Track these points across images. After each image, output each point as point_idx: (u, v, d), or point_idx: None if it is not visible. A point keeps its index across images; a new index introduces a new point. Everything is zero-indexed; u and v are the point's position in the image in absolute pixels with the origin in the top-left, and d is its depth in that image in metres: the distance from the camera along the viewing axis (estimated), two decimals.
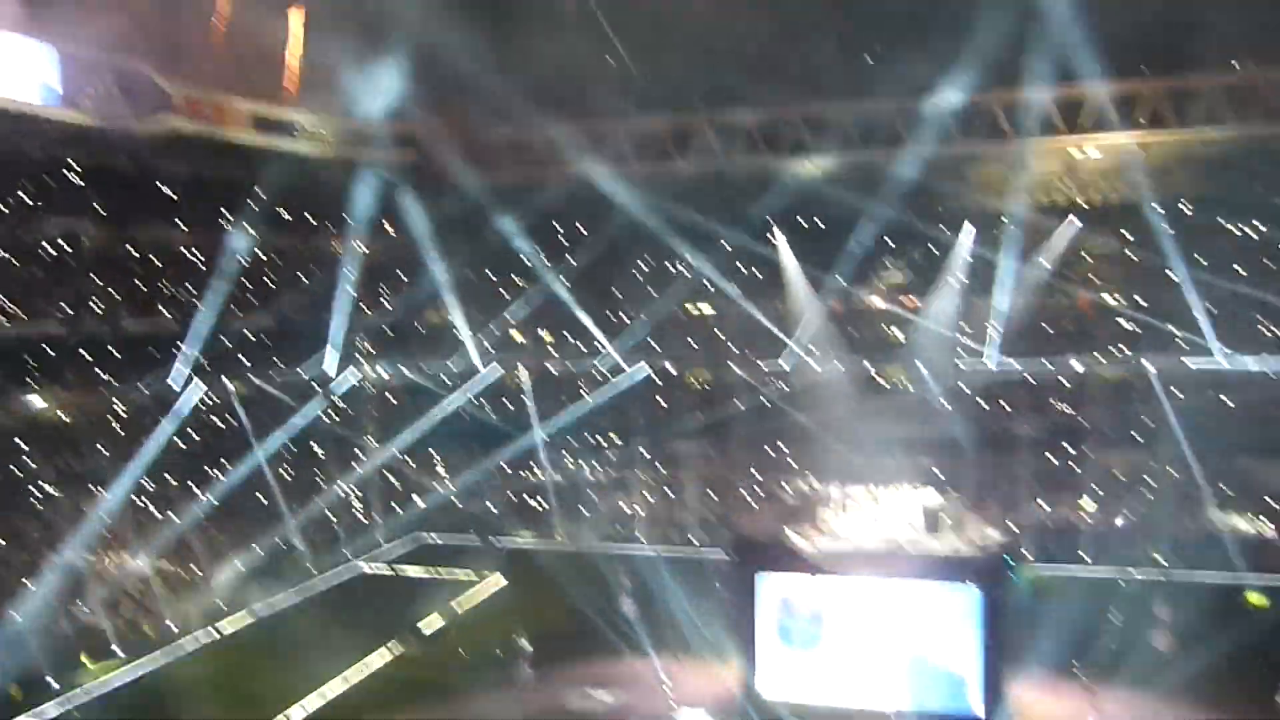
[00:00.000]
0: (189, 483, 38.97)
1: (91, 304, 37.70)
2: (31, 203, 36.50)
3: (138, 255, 40.60)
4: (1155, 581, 35.02)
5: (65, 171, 37.99)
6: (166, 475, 38.54)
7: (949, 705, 24.99)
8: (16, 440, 35.15)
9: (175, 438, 38.41)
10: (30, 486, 34.63)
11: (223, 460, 40.40)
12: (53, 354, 36.44)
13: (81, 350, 37.44)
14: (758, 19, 44.53)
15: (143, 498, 37.37)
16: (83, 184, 38.14)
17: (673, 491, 44.79)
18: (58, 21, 35.08)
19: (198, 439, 40.67)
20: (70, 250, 37.77)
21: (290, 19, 46.18)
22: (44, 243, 37.18)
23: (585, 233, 48.99)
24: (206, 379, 39.70)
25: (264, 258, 44.99)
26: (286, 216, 45.07)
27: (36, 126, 35.85)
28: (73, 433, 36.74)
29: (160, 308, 40.02)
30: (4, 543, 32.38)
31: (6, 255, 35.32)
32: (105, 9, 37.48)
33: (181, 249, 42.10)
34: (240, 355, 41.76)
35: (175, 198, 41.63)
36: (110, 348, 38.19)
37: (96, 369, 37.54)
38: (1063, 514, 40.60)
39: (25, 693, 27.84)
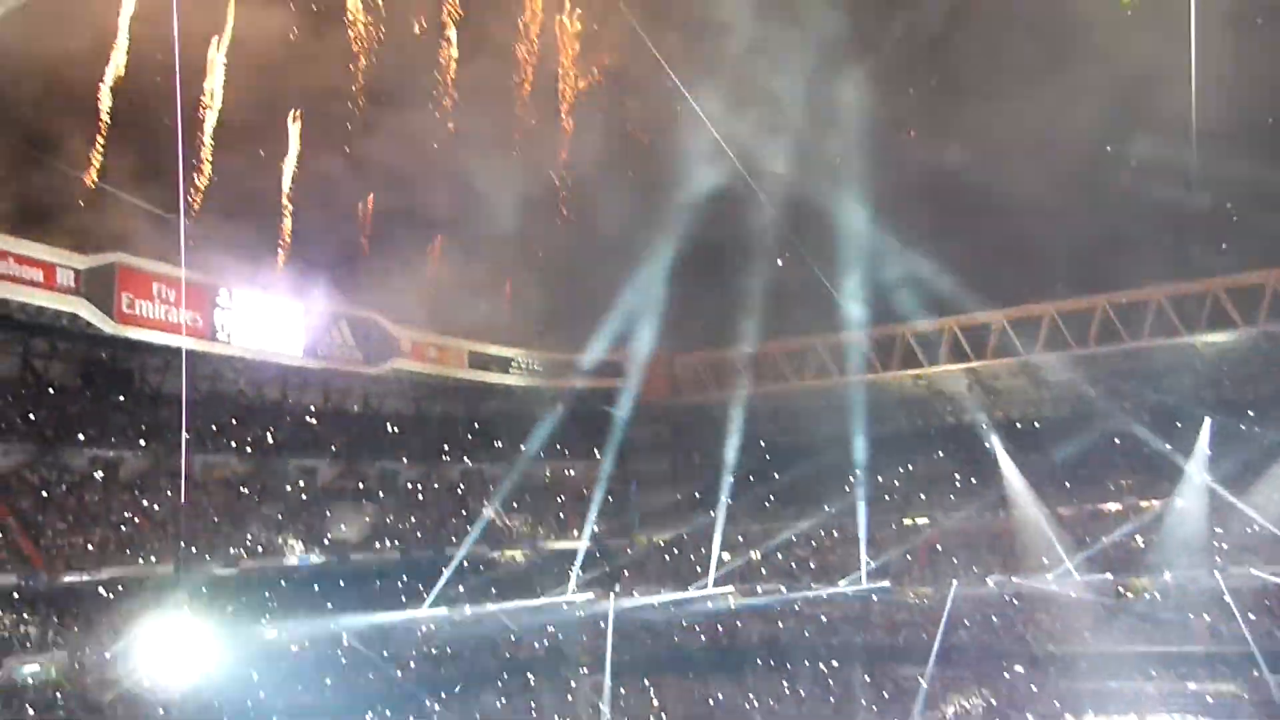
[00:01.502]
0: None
1: (323, 538, 39.86)
2: (274, 442, 39.82)
3: (364, 488, 43.16)
4: None
5: (304, 414, 41.70)
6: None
7: None
8: (251, 673, 36.47)
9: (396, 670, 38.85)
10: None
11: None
12: (285, 585, 38.37)
13: (314, 583, 39.35)
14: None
15: None
16: (318, 423, 41.51)
17: None
18: (305, 280, 39.57)
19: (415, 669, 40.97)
20: (304, 485, 40.67)
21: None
22: (288, 483, 40.33)
23: (790, 448, 48.30)
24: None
25: (478, 486, 46.82)
26: (499, 445, 47.04)
27: (282, 374, 39.86)
28: (299, 663, 37.82)
29: (385, 539, 41.87)
30: None
31: (248, 491, 38.18)
32: (344, 270, 42.31)
33: (404, 481, 44.52)
34: (461, 585, 42.45)
35: (400, 432, 44.49)
36: (339, 580, 39.96)
37: (326, 600, 39.10)
38: None
39: None
